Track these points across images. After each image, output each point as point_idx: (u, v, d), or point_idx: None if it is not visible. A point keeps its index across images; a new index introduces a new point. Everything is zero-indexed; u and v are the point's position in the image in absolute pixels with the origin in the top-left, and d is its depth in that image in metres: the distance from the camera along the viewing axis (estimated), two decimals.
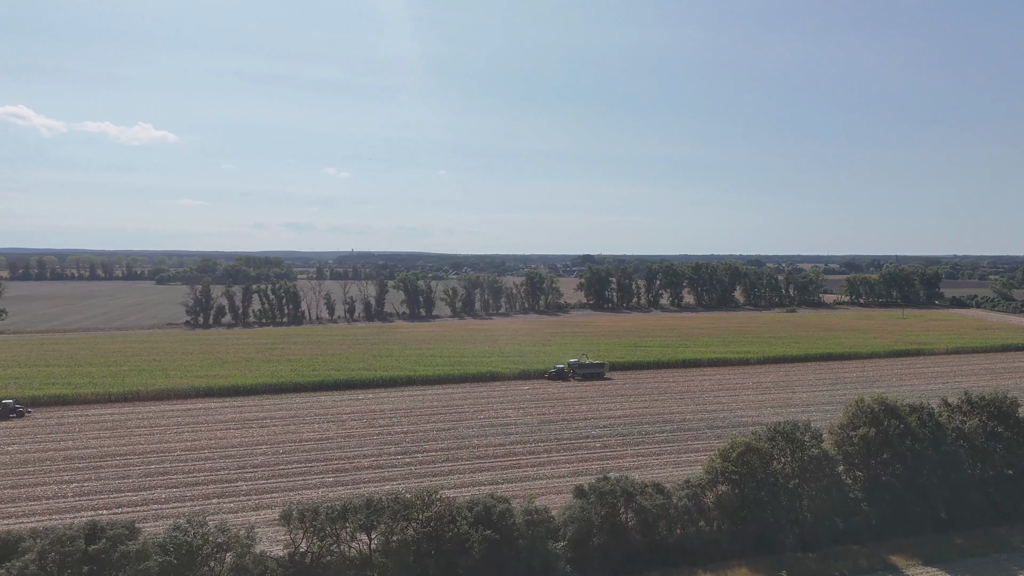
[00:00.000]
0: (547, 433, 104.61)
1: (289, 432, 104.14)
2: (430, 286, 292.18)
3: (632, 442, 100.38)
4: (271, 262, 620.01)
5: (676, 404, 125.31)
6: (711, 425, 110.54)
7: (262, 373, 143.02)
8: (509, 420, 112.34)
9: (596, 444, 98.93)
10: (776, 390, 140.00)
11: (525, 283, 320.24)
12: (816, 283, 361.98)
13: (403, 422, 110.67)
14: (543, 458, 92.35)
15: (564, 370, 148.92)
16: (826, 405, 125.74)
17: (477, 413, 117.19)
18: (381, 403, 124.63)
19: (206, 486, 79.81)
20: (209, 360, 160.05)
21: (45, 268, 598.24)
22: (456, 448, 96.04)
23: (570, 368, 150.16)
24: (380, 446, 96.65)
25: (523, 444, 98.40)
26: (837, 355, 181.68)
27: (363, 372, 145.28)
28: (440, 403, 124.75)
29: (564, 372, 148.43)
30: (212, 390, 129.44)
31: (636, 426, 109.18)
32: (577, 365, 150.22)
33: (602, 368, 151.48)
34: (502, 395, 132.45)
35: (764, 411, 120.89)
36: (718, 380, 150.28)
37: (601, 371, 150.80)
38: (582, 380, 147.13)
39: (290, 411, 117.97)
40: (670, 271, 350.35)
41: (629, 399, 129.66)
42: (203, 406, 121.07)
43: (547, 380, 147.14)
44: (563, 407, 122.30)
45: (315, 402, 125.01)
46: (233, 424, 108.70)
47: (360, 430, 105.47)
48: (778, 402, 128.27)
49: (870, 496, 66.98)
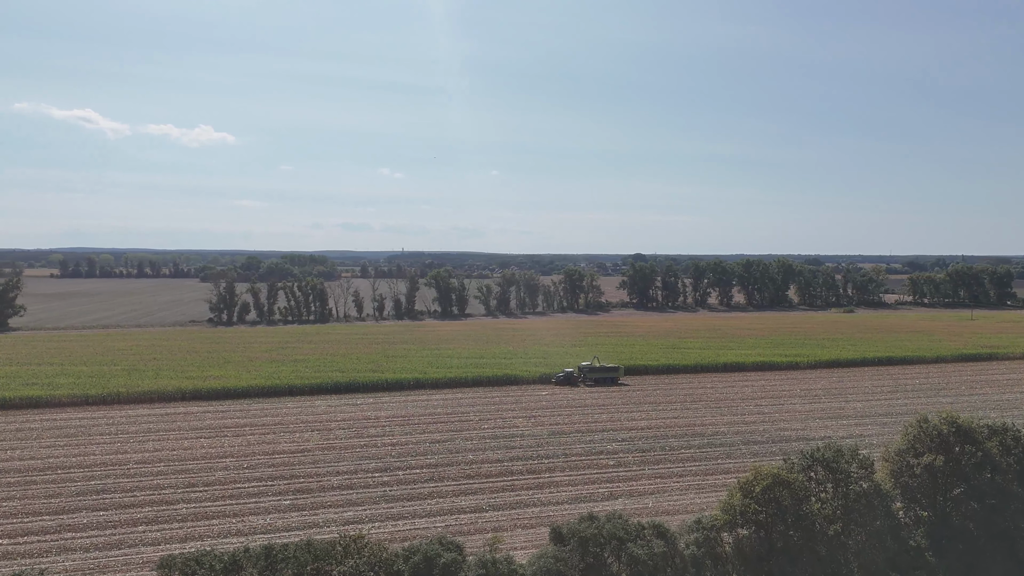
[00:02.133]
0: (555, 447, 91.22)
1: (265, 442, 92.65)
2: (463, 284, 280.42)
3: (652, 459, 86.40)
4: (316, 260, 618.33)
5: (710, 414, 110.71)
6: (748, 440, 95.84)
7: (260, 374, 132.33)
8: (516, 431, 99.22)
9: (609, 462, 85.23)
10: (827, 398, 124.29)
11: (563, 281, 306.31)
12: (877, 282, 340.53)
13: (396, 432, 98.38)
14: (544, 478, 79.05)
15: (573, 374, 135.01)
16: (883, 417, 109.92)
17: (482, 422, 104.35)
18: (379, 409, 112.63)
19: (140, 509, 68.39)
20: (211, 360, 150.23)
21: (95, 266, 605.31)
22: (446, 464, 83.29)
23: (580, 372, 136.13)
24: (360, 460, 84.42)
25: (524, 460, 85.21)
26: (898, 359, 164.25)
27: (368, 374, 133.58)
28: (444, 410, 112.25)
29: (573, 376, 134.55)
30: (199, 393, 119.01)
31: (660, 440, 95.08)
32: (588, 369, 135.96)
33: (615, 372, 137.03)
34: (515, 401, 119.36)
35: (811, 423, 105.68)
36: (762, 386, 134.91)
37: (614, 376, 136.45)
38: (593, 385, 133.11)
39: (276, 417, 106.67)
40: (719, 268, 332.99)
41: (658, 407, 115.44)
42: (184, 410, 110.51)
43: (554, 385, 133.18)
44: (580, 416, 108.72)
45: (307, 407, 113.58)
46: (207, 431, 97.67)
47: (344, 440, 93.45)
48: (828, 412, 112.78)
49: (937, 545, 52.08)
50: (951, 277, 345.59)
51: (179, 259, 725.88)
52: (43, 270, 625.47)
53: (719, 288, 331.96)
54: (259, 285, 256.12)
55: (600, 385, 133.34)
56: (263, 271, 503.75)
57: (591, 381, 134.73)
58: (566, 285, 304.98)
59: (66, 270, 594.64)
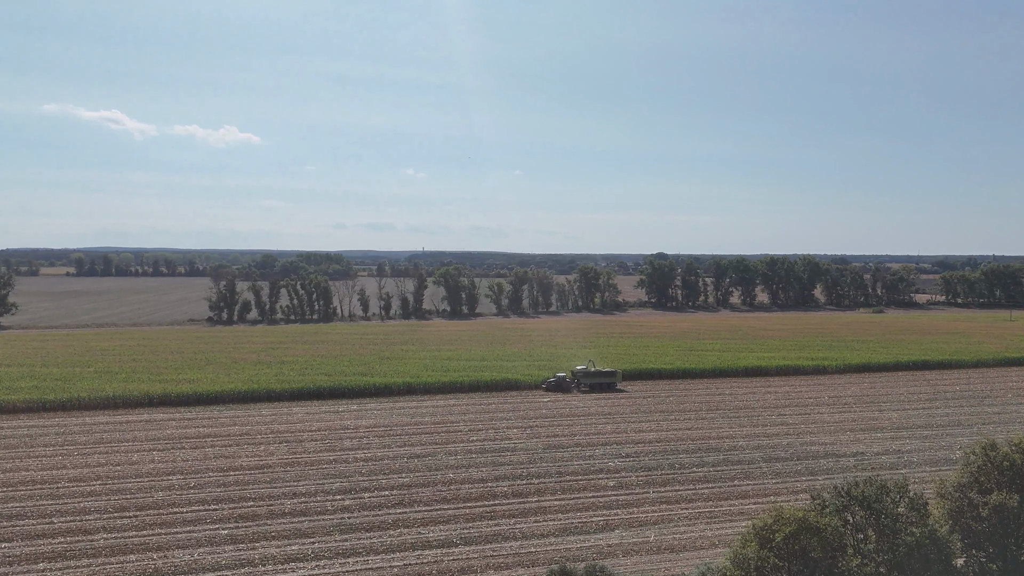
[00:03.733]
0: (550, 463, 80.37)
1: (223, 456, 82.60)
2: (473, 282, 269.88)
3: (659, 479, 75.30)
4: (332, 258, 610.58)
5: (728, 425, 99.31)
6: (769, 456, 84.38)
7: (239, 378, 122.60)
8: (508, 443, 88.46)
9: (609, 482, 74.24)
10: (858, 407, 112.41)
11: (579, 280, 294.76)
12: (907, 281, 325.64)
13: (373, 444, 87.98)
14: (531, 503, 68.19)
15: (566, 379, 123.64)
16: (923, 429, 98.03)
17: (472, 433, 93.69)
18: (361, 417, 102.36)
19: (51, 540, 58.38)
20: (193, 361, 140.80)
21: (110, 264, 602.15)
22: (421, 485, 72.71)
23: (574, 377, 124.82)
24: (323, 480, 74.06)
25: (512, 480, 74.42)
26: (935, 363, 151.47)
27: (357, 378, 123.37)
28: (432, 418, 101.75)
29: (566, 382, 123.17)
30: (167, 398, 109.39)
31: (669, 456, 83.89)
32: (582, 373, 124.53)
33: (613, 377, 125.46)
34: (513, 409, 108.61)
35: (841, 436, 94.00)
36: (785, 393, 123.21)
37: (612, 381, 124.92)
38: (588, 391, 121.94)
39: (245, 426, 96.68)
40: (742, 267, 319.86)
41: (669, 417, 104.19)
42: (146, 418, 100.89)
43: (544, 391, 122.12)
44: (582, 426, 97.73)
45: (282, 415, 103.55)
46: (163, 443, 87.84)
47: (312, 455, 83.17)
48: (860, 424, 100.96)
49: None
50: (986, 276, 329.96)
51: (198, 258, 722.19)
52: (60, 268, 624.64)
53: (741, 287, 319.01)
54: (261, 283, 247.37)
55: (596, 391, 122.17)
56: (277, 269, 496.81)
57: (586, 386, 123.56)
58: (581, 284, 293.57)
59: (82, 268, 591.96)
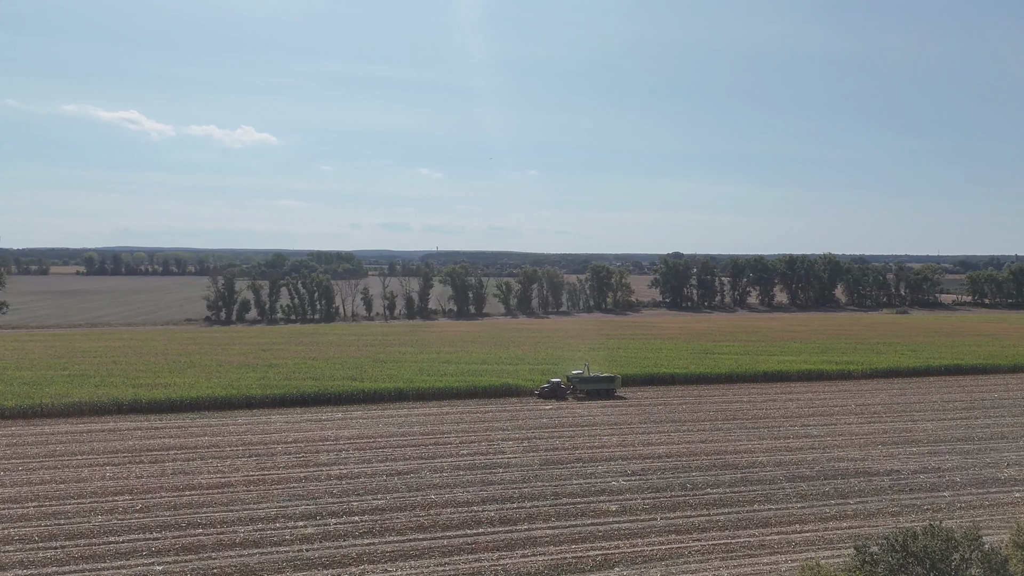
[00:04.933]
0: (545, 483, 71.53)
1: (183, 472, 74.36)
2: (480, 281, 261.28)
3: (668, 503, 66.27)
4: (343, 257, 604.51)
5: (746, 437, 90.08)
6: (793, 475, 75.09)
7: (220, 382, 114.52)
8: (501, 458, 79.71)
9: (612, 506, 65.31)
10: (889, 416, 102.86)
11: (590, 278, 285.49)
12: (932, 281, 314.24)
13: (351, 459, 79.47)
14: (519, 531, 59.39)
15: (561, 385, 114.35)
16: (963, 442, 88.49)
17: (463, 446, 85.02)
18: (344, 427, 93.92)
19: None
20: (177, 364, 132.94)
21: (120, 263, 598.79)
22: (397, 509, 64.11)
23: (569, 383, 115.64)
24: (288, 502, 65.58)
25: (500, 504, 65.65)
26: (968, 368, 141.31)
27: (346, 383, 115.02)
28: (421, 428, 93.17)
29: (561, 388, 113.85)
30: (138, 404, 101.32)
31: (680, 474, 74.84)
32: (578, 379, 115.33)
33: (611, 383, 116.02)
34: (510, 418, 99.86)
35: (872, 451, 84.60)
36: (808, 400, 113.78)
37: (610, 387, 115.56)
38: (584, 399, 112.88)
39: (216, 436, 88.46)
40: (760, 266, 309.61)
41: (682, 427, 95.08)
42: (111, 426, 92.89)
43: (538, 398, 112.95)
44: (585, 438, 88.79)
45: (259, 424, 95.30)
46: (121, 456, 79.73)
47: (282, 471, 74.77)
48: (892, 436, 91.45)
49: None
50: (1015, 276, 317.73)
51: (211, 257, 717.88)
52: (71, 268, 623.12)
53: (759, 287, 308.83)
54: (260, 282, 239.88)
55: (593, 398, 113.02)
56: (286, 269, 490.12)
57: (582, 393, 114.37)
58: (593, 283, 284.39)
59: (92, 267, 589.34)
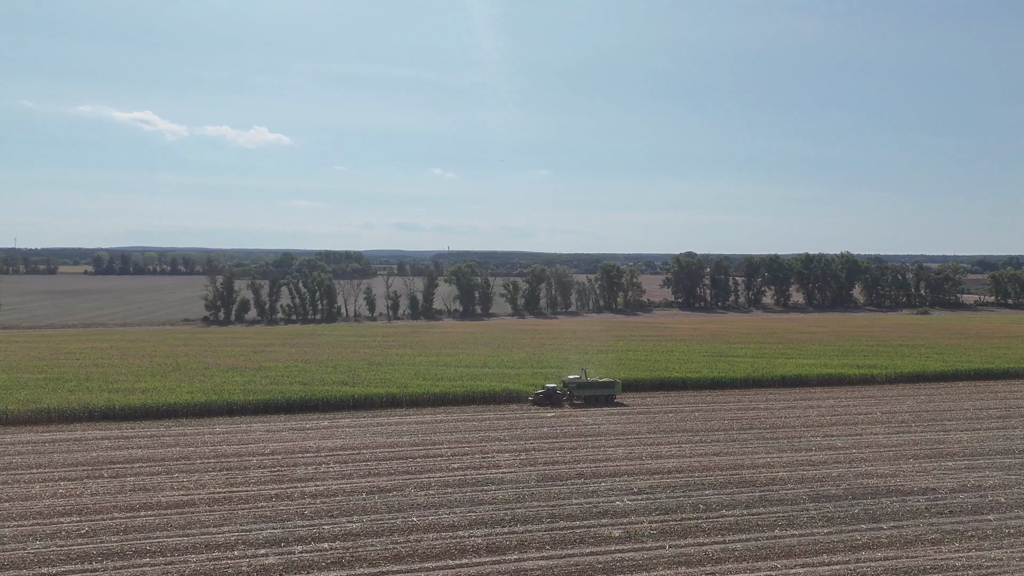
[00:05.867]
0: (542, 503, 64.24)
1: (144, 488, 67.55)
2: (487, 281, 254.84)
3: (677, 528, 58.85)
4: (351, 257, 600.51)
5: (764, 449, 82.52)
6: (818, 494, 67.40)
7: (203, 387, 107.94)
8: (495, 473, 72.46)
9: (614, 531, 57.94)
10: (918, 425, 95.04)
11: (600, 278, 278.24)
12: (953, 280, 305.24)
13: (331, 474, 72.48)
14: (508, 563, 52.14)
15: (557, 391, 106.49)
16: (1003, 456, 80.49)
17: (455, 458, 77.89)
18: (328, 436, 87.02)
19: None
20: (162, 366, 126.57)
21: (128, 263, 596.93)
22: (374, 534, 57.02)
23: (566, 388, 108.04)
24: (252, 524, 58.60)
25: (490, 528, 58.44)
26: (999, 372, 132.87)
27: (336, 387, 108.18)
28: (412, 438, 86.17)
29: (557, 394, 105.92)
30: (111, 411, 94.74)
31: (692, 492, 67.34)
32: (575, 384, 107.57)
33: (611, 389, 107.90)
34: (509, 426, 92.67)
35: (904, 466, 76.76)
36: (830, 408, 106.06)
37: (610, 392, 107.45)
38: (583, 405, 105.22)
39: (187, 447, 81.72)
40: (775, 265, 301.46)
41: (695, 438, 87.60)
42: (77, 436, 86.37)
43: (532, 405, 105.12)
44: (589, 450, 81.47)
45: (239, 432, 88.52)
46: (79, 469, 73.03)
47: (252, 488, 67.85)
48: (924, 448, 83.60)
49: None
50: None
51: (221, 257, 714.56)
52: (79, 267, 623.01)
53: (775, 286, 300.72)
54: (260, 281, 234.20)
55: (592, 405, 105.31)
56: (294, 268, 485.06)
57: (580, 399, 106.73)
58: (603, 283, 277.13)
59: (100, 267, 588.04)
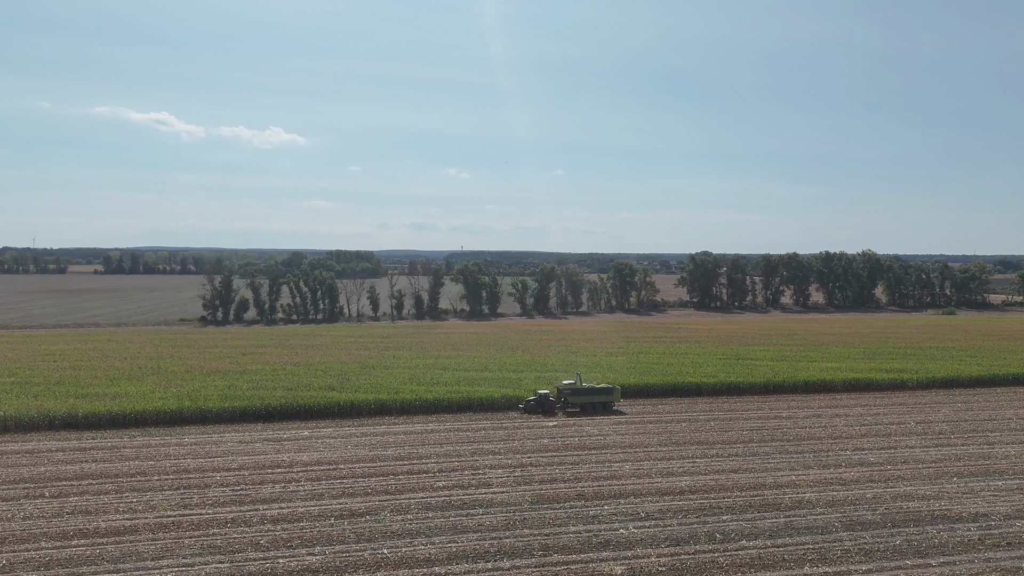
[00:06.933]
0: (534, 530, 55.88)
1: (84, 511, 59.78)
2: (495, 280, 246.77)
3: (691, 564, 50.30)
4: (361, 256, 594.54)
5: (788, 465, 73.73)
6: (851, 520, 58.52)
7: (181, 392, 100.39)
8: (484, 493, 64.14)
9: (618, 568, 49.57)
10: (958, 437, 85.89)
11: (613, 277, 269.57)
12: (980, 280, 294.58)
13: (300, 493, 64.38)
14: None
15: (550, 398, 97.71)
16: None
17: (442, 475, 69.63)
18: (305, 448, 79.04)
19: None
20: (143, 369, 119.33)
21: (139, 262, 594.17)
22: (333, 570, 48.92)
23: (560, 395, 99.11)
24: (197, 557, 50.63)
25: (472, 563, 50.19)
26: None
27: (322, 393, 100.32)
28: (397, 451, 78.02)
29: (549, 401, 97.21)
30: (73, 420, 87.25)
31: (708, 517, 58.70)
32: (569, 391, 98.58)
33: (609, 395, 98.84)
34: (506, 437, 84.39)
35: (947, 486, 67.74)
36: (859, 416, 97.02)
37: (607, 399, 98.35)
38: (579, 413, 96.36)
39: (147, 461, 73.93)
40: (794, 263, 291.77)
41: (710, 451, 78.91)
42: (31, 447, 78.86)
43: (523, 413, 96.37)
44: (591, 465, 72.96)
45: (205, 444, 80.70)
46: (19, 488, 65.36)
47: (207, 511, 59.88)
48: (968, 465, 74.43)
49: None
50: None
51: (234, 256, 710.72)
52: (89, 266, 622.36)
53: (794, 285, 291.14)
54: (260, 280, 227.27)
55: (588, 412, 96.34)
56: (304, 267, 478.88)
57: (574, 406, 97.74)
58: (615, 282, 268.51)
59: (110, 266, 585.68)
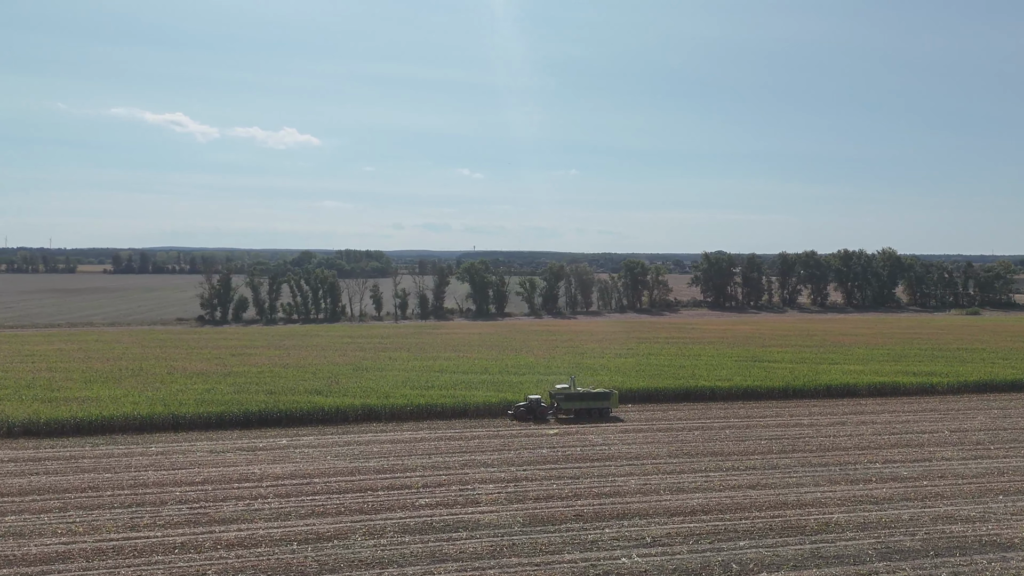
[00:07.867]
0: (525, 558, 48.70)
1: (21, 532, 53.19)
2: (502, 279, 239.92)
3: None
4: (371, 256, 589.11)
5: (812, 480, 66.18)
6: (886, 547, 50.96)
7: (152, 397, 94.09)
8: (470, 514, 56.97)
9: None
10: (998, 448, 78.01)
11: (624, 276, 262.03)
12: (1005, 279, 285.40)
13: (264, 513, 57.45)
14: None
15: (541, 403, 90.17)
16: None
17: (425, 491, 62.52)
18: (280, 459, 72.20)
19: None
20: (123, 371, 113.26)
21: (148, 262, 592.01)
22: None
23: (553, 400, 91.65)
24: None
25: None
26: None
27: (306, 397, 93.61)
28: (380, 463, 71.03)
29: (541, 407, 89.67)
30: (33, 426, 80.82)
31: (722, 543, 51.33)
32: (563, 396, 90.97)
33: (605, 401, 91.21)
34: (500, 447, 77.25)
35: (992, 505, 60.04)
36: (887, 424, 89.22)
37: (604, 405, 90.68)
38: (573, 420, 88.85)
39: (105, 473, 67.33)
40: (812, 262, 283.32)
41: (724, 463, 71.41)
42: None
43: (512, 420, 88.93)
44: (593, 480, 65.67)
45: (172, 453, 74.02)
46: None
47: (157, 533, 53.09)
48: (1013, 481, 66.57)
49: None
50: None
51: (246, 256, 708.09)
52: (98, 266, 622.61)
53: (811, 285, 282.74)
54: (260, 279, 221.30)
55: (582, 419, 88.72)
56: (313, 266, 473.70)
57: (567, 413, 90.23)
58: (627, 281, 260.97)
59: (119, 266, 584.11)
